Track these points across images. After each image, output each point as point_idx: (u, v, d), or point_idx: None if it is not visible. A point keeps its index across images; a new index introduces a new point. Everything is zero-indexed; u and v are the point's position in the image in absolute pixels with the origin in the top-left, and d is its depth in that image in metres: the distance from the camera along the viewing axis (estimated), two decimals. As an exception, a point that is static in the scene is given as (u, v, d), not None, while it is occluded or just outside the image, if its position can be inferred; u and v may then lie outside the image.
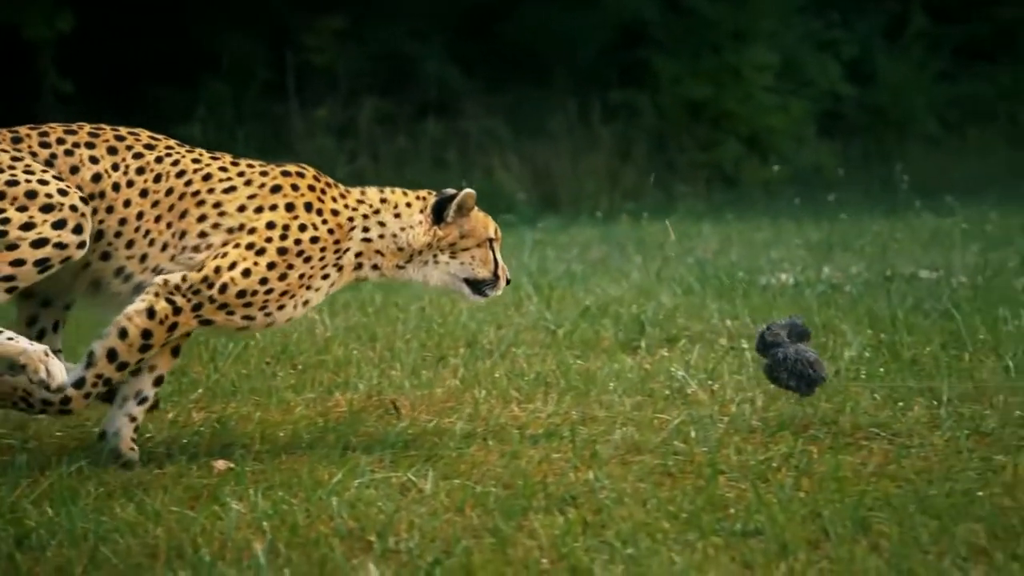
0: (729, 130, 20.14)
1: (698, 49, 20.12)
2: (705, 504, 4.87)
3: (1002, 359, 6.54)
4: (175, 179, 5.31)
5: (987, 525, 4.67)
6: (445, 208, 5.52)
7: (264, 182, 5.37)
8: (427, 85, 19.04)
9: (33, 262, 5.08)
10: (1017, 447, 5.42)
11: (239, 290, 5.25)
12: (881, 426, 5.75)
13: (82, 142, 5.27)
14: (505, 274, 5.64)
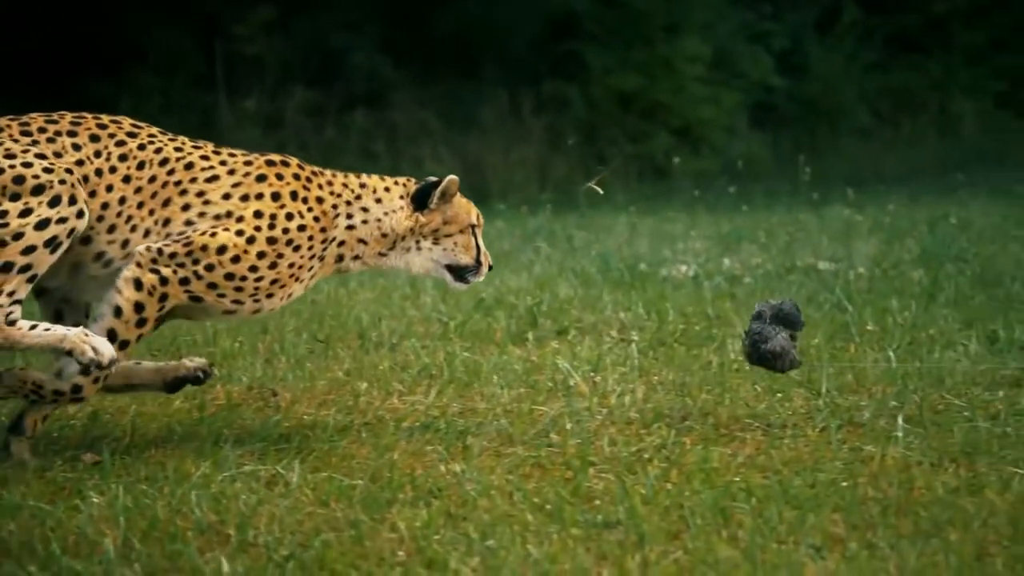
0: (660, 122, 20.21)
1: (630, 41, 20.17)
2: (571, 496, 4.88)
3: (885, 351, 6.58)
4: (158, 167, 5.30)
5: (846, 515, 4.71)
6: (428, 195, 5.54)
7: (248, 171, 5.37)
8: (356, 76, 19.00)
9: (43, 244, 5.06)
10: (887, 437, 5.46)
11: (227, 272, 5.25)
12: (757, 417, 5.78)
13: (64, 130, 5.24)
14: (487, 260, 5.65)
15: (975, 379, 6.21)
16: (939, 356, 6.37)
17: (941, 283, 7.71)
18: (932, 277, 7.90)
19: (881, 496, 4.90)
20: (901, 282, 8.02)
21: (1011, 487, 4.96)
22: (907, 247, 9.27)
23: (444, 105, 19.42)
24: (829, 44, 22.58)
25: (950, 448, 5.36)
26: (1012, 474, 5.09)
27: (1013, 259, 8.59)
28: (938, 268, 8.26)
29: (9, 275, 5.05)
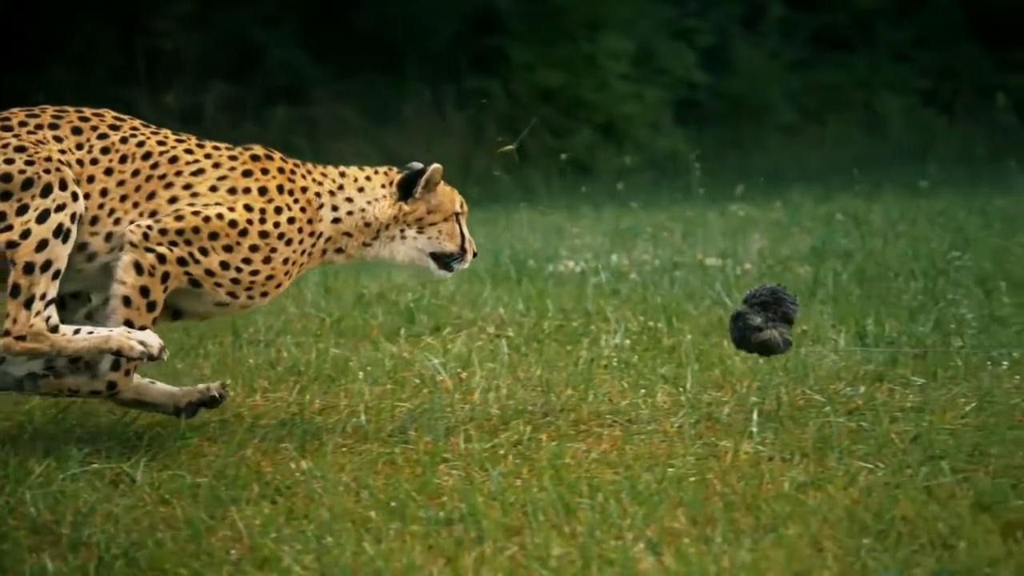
0: (583, 118, 20.22)
1: (552, 37, 20.16)
2: (418, 493, 4.88)
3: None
4: (141, 160, 5.29)
5: (689, 510, 4.73)
6: (413, 184, 5.54)
7: (234, 166, 5.38)
8: (276, 71, 18.91)
9: (53, 236, 5.09)
10: (741, 433, 5.48)
11: (222, 261, 5.27)
12: (619, 413, 5.80)
13: (45, 123, 5.24)
14: (472, 247, 5.66)
15: (839, 374, 6.25)
16: (805, 351, 6.40)
17: (823, 279, 7.76)
18: (815, 273, 7.94)
19: (728, 491, 4.92)
20: (785, 278, 8.07)
21: (857, 482, 4.99)
22: (799, 243, 9.32)
23: (365, 100, 19.36)
24: (754, 41, 22.65)
25: (802, 443, 5.39)
26: (860, 468, 5.13)
27: (898, 255, 8.66)
28: (820, 264, 8.30)
29: (34, 276, 5.07)
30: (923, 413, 5.71)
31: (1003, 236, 9.41)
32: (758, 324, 5.58)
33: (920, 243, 9.13)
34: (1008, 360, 6.33)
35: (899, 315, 7.11)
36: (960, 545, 4.47)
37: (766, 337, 5.55)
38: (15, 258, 5.09)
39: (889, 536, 4.57)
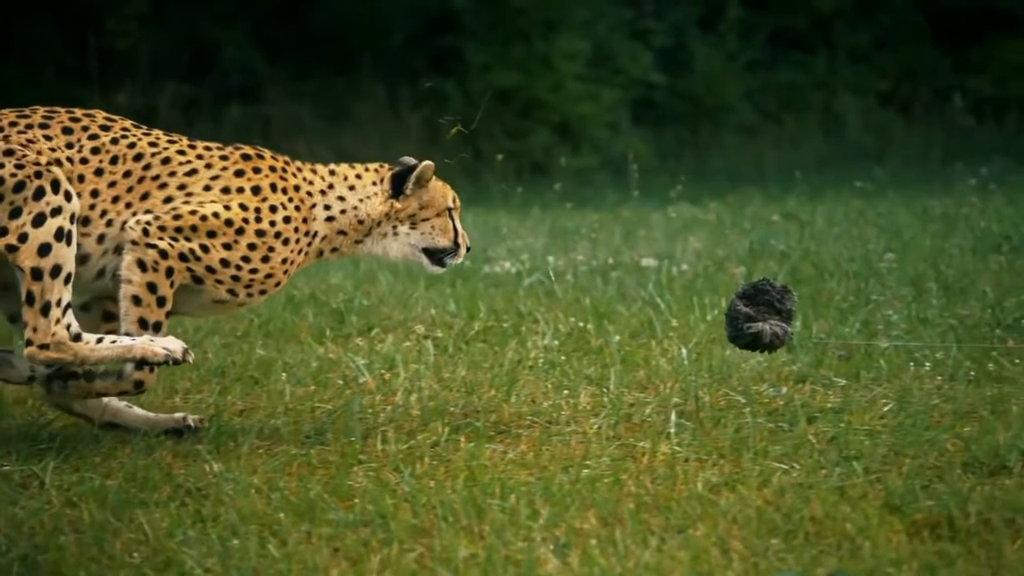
0: (539, 119, 20.20)
1: (508, 37, 20.14)
2: (330, 495, 4.86)
3: (686, 347, 6.62)
4: (132, 162, 5.32)
5: (599, 511, 4.73)
6: (404, 180, 5.55)
7: (226, 166, 5.40)
8: (230, 70, 18.85)
9: (55, 239, 5.10)
10: (660, 433, 5.49)
11: (222, 259, 5.31)
12: (540, 414, 5.79)
13: (36, 123, 5.24)
14: (465, 241, 5.68)
15: (763, 375, 6.26)
16: (730, 352, 6.41)
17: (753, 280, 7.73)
18: (747, 274, 7.95)
19: (642, 492, 4.93)
20: (718, 279, 8.08)
21: (770, 482, 5.00)
22: (737, 244, 9.34)
23: (320, 100, 19.31)
24: (712, 42, 22.66)
25: (720, 444, 5.39)
26: (775, 469, 5.14)
27: (833, 256, 8.68)
28: (753, 265, 8.32)
29: (44, 282, 5.08)
30: (842, 414, 5.72)
31: (941, 238, 9.44)
32: (747, 313, 5.56)
33: (857, 244, 9.15)
34: (931, 361, 6.35)
35: (828, 316, 7.12)
36: (865, 545, 4.49)
37: (756, 330, 5.53)
38: (20, 263, 5.10)
39: (797, 536, 4.58)
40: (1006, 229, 9.27)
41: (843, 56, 24.09)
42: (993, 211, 10.39)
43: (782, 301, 5.56)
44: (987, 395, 5.90)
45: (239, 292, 5.38)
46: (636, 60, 21.33)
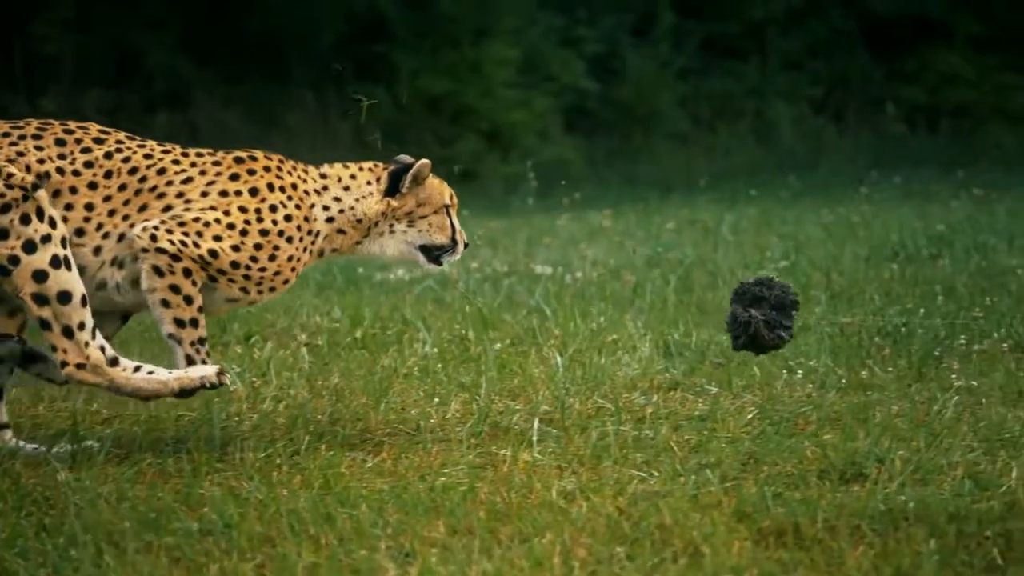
0: (469, 125, 20.21)
1: (438, 44, 20.14)
2: (181, 503, 4.83)
3: (564, 355, 6.63)
4: (127, 175, 5.34)
5: (448, 520, 4.72)
6: (400, 178, 5.56)
7: (220, 171, 5.43)
8: (157, 76, 18.76)
9: (52, 266, 5.13)
10: (522, 441, 5.49)
11: (232, 261, 5.35)
12: (407, 422, 5.78)
13: (29, 134, 5.26)
14: (463, 238, 5.69)
15: (636, 383, 6.27)
16: (605, 360, 6.42)
17: (643, 288, 7.79)
18: (636, 282, 7.98)
19: (496, 501, 4.92)
20: (611, 287, 8.09)
21: (626, 490, 5.01)
22: (638, 252, 9.36)
23: (249, 106, 19.25)
24: (645, 49, 22.73)
25: (581, 452, 5.40)
26: (632, 477, 5.15)
27: (729, 264, 8.71)
28: (647, 273, 8.35)
29: (54, 307, 5.10)
30: (707, 422, 5.74)
31: (840, 245, 9.49)
32: (744, 315, 5.56)
33: (756, 252, 9.19)
34: (804, 369, 6.38)
35: (709, 324, 7.14)
36: (707, 553, 4.50)
37: (752, 331, 5.53)
38: (17, 290, 5.11)
39: (643, 544, 4.59)
40: (903, 239, 9.34)
41: (776, 63, 24.20)
42: (895, 220, 10.47)
43: (780, 298, 5.58)
44: (854, 402, 5.93)
45: (251, 290, 5.44)
46: (567, 67, 21.38)
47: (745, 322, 5.53)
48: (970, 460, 5.25)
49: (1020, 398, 6.03)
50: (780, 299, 5.55)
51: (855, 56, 24.62)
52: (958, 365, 6.44)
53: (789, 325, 5.56)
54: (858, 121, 24.01)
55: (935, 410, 5.81)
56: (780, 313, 5.55)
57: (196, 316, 5.35)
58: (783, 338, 5.57)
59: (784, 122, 23.78)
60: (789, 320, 5.56)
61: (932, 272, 8.15)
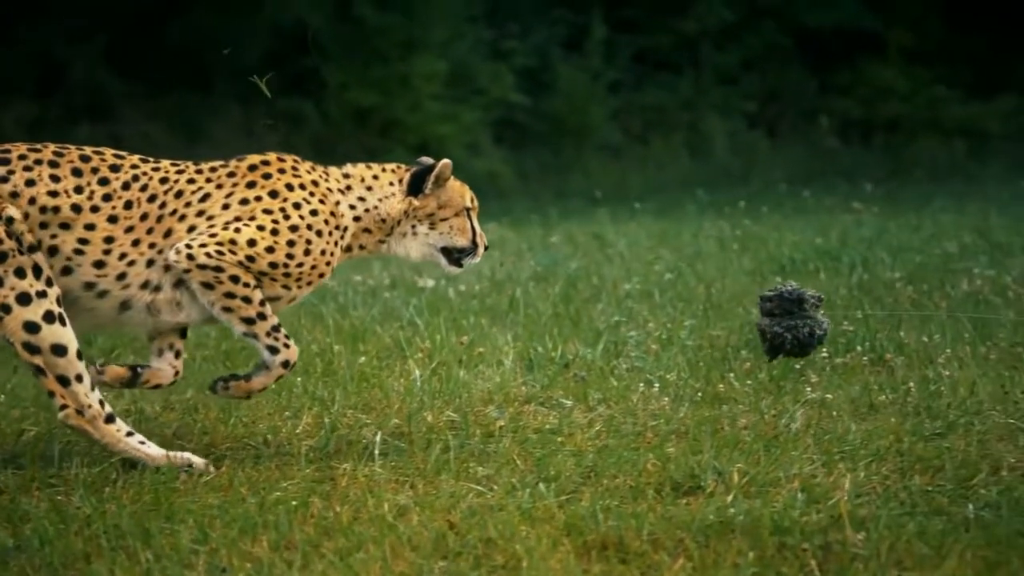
0: (397, 138, 20.18)
1: (367, 58, 20.11)
2: (3, 520, 4.79)
3: (427, 368, 6.61)
4: (147, 204, 5.38)
5: (272, 535, 4.70)
6: (423, 180, 5.59)
7: (236, 181, 5.47)
8: (80, 88, 18.66)
9: (45, 321, 5.20)
10: (362, 456, 5.47)
11: (270, 262, 5.40)
12: (254, 436, 5.75)
13: (45, 159, 5.31)
14: (483, 241, 5.73)
15: (493, 396, 6.26)
16: (467, 374, 6.41)
17: (518, 301, 7.78)
18: (511, 296, 7.97)
19: (328, 516, 4.90)
20: (492, 300, 8.09)
21: (460, 505, 4.99)
22: (525, 265, 9.37)
23: (174, 119, 19.17)
24: (577, 62, 22.76)
25: (423, 466, 5.38)
26: (470, 491, 5.14)
27: (615, 277, 8.72)
28: (536, 285, 8.34)
29: (46, 357, 5.16)
30: (555, 435, 5.73)
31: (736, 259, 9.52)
32: (772, 328, 5.72)
33: (644, 266, 9.21)
34: (661, 382, 6.39)
35: (578, 338, 7.14)
36: (525, 566, 4.49)
37: (779, 340, 5.74)
38: (8, 337, 5.15)
39: (466, 559, 4.58)
40: (793, 252, 9.37)
41: (710, 77, 24.28)
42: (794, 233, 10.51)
43: (800, 302, 5.73)
44: (705, 416, 5.94)
45: (291, 287, 5.48)
46: (497, 80, 21.37)
47: (773, 337, 5.68)
48: (807, 473, 5.27)
49: (870, 411, 6.05)
50: (800, 305, 5.63)
51: (789, 70, 24.74)
52: (816, 378, 6.46)
53: (822, 323, 5.65)
54: (792, 134, 24.14)
55: (782, 423, 5.82)
56: (804, 317, 5.61)
57: (260, 310, 5.42)
58: (816, 333, 5.63)
59: (718, 136, 23.86)
60: (812, 321, 5.61)
61: (811, 285, 8.15)
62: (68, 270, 5.33)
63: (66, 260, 5.32)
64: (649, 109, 23.67)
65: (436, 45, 20.54)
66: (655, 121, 23.56)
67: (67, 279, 5.33)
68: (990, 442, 5.61)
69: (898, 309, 7.60)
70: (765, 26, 24.69)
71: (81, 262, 5.33)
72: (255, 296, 5.42)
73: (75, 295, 5.35)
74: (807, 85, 24.69)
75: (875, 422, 5.86)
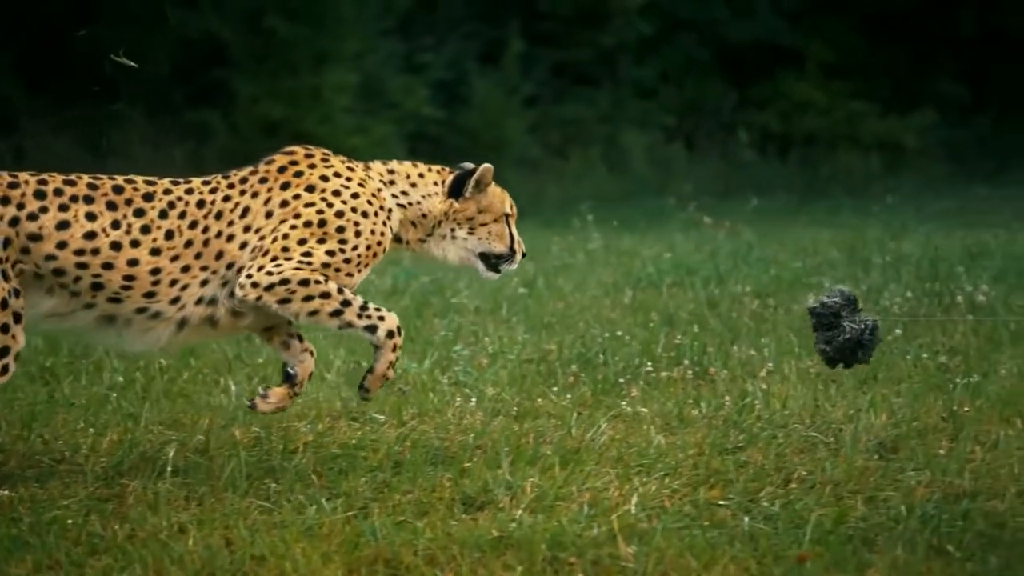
0: (308, 151, 20.07)
1: (277, 70, 20.03)
2: None
3: (249, 383, 6.57)
4: (189, 231, 5.37)
5: (38, 555, 4.67)
6: (464, 183, 5.60)
7: (270, 186, 5.46)
8: (-17, 101, 18.51)
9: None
10: (156, 472, 5.42)
11: (326, 251, 5.41)
12: (52, 452, 5.70)
13: (80, 195, 5.25)
14: (521, 248, 5.75)
15: (307, 412, 6.23)
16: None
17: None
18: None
19: (103, 535, 4.85)
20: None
21: (243, 522, 4.95)
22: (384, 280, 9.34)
23: (80, 131, 19.02)
24: (493, 75, 22.77)
25: (215, 483, 5.34)
26: (256, 508, 5.10)
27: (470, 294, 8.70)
28: (383, 301, 8.32)
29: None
30: (359, 451, 5.71)
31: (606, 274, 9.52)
32: (825, 349, 5.68)
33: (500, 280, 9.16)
34: (479, 397, 6.37)
35: (412, 351, 7.12)
36: (285, 584, 4.47)
37: (828, 356, 5.66)
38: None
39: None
40: (651, 266, 9.39)
41: (628, 91, 24.35)
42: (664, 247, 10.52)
43: (842, 308, 5.69)
44: (515, 430, 5.92)
45: (353, 272, 5.48)
46: (410, 94, 21.34)
47: (821, 353, 5.69)
48: (599, 487, 5.27)
49: (680, 424, 6.06)
50: (845, 310, 5.69)
51: (708, 83, 24.84)
52: (636, 392, 6.46)
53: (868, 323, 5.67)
54: (709, 148, 24.21)
55: (588, 437, 5.82)
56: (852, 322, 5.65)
57: (341, 298, 5.41)
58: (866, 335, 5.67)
59: (636, 149, 23.88)
60: (858, 324, 5.66)
61: (657, 300, 8.19)
62: (117, 299, 5.33)
63: (113, 294, 5.32)
64: (568, 123, 23.71)
65: (348, 58, 20.49)
66: (574, 135, 23.60)
67: (114, 305, 5.34)
68: (788, 455, 5.64)
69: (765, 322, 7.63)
70: (684, 40, 24.79)
71: (131, 294, 5.33)
72: (331, 288, 5.42)
73: (127, 318, 5.36)
74: (726, 99, 24.80)
75: (683, 436, 5.87)
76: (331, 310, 5.42)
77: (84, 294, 5.29)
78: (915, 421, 5.93)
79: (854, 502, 5.12)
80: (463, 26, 22.89)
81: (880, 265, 9.18)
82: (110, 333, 5.40)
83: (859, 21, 25.54)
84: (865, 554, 4.60)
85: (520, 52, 22.89)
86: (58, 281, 5.26)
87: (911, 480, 5.30)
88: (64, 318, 5.36)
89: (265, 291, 5.36)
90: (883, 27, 25.59)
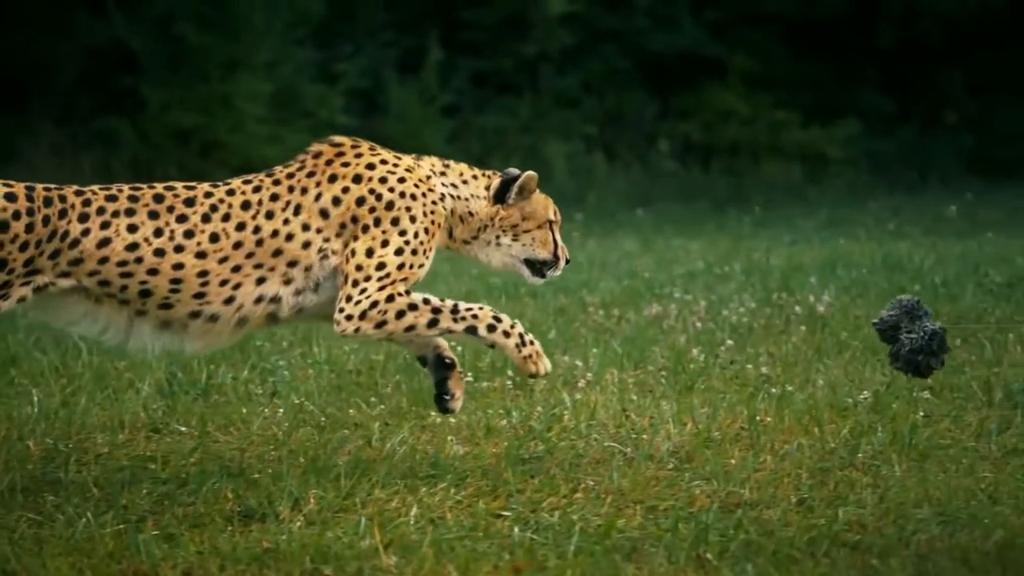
0: (219, 160, 19.97)
1: (187, 78, 19.90)
2: None
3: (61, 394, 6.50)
4: (236, 232, 5.32)
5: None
6: (507, 189, 5.58)
7: (319, 180, 5.40)
8: None
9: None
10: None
11: (396, 249, 5.37)
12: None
13: (122, 210, 5.22)
14: (564, 254, 5.74)
15: (108, 423, 6.17)
16: (103, 398, 6.32)
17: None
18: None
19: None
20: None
21: (10, 536, 4.89)
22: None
23: (-16, 139, 18.89)
24: (413, 84, 22.70)
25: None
26: (29, 520, 5.04)
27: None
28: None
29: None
30: (152, 461, 5.65)
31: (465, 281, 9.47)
32: (898, 366, 5.68)
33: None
34: (288, 408, 6.33)
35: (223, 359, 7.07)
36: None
37: (898, 368, 5.69)
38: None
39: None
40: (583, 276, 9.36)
41: (550, 100, 24.32)
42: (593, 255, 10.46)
43: (901, 320, 5.68)
44: (316, 441, 5.88)
45: (424, 263, 5.47)
46: (324, 102, 21.24)
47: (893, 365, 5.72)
48: (384, 498, 5.23)
49: (486, 435, 6.02)
50: (909, 320, 5.68)
51: (630, 93, 24.85)
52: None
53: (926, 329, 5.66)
54: (630, 157, 24.22)
55: (388, 447, 5.78)
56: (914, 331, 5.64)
57: (431, 306, 5.40)
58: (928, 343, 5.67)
59: (557, 158, 23.84)
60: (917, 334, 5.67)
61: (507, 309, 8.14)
62: (167, 305, 5.30)
63: (163, 299, 5.29)
64: (489, 132, 23.67)
65: (260, 66, 20.38)
66: (495, 144, 23.54)
67: (166, 312, 5.31)
68: (583, 465, 5.61)
69: (605, 332, 7.59)
70: (606, 50, 24.79)
71: (181, 298, 5.29)
72: (416, 299, 5.41)
73: (183, 322, 5.34)
74: (647, 108, 24.82)
75: (484, 446, 5.83)
76: (426, 321, 5.41)
77: (134, 302, 5.26)
78: (716, 431, 5.91)
79: (633, 511, 5.09)
80: (382, 35, 22.82)
81: (739, 275, 9.16)
82: (172, 338, 5.39)
83: (782, 32, 25.62)
84: (621, 563, 4.57)
85: (440, 61, 22.81)
86: (105, 291, 5.25)
87: (696, 489, 5.27)
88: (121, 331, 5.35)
89: (360, 320, 5.35)
90: (806, 38, 25.69)
